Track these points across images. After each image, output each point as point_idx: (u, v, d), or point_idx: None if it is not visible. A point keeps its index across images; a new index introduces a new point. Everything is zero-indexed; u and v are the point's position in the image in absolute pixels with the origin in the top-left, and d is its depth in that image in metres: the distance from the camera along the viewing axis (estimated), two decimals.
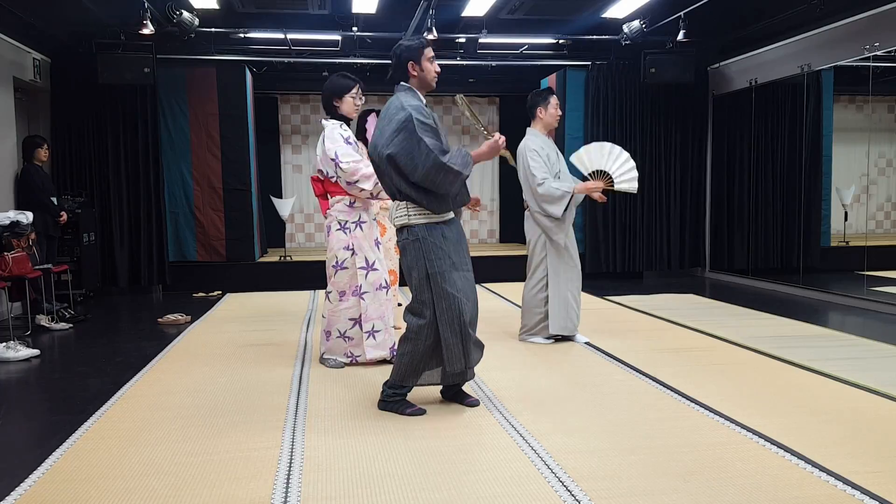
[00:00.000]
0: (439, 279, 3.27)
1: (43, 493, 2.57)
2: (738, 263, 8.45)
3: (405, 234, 3.35)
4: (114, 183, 7.79)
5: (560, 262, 4.84)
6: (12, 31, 6.58)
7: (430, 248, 3.29)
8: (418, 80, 3.38)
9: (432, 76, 3.41)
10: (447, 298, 3.27)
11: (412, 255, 3.32)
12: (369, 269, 4.26)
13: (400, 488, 2.54)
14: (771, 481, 2.57)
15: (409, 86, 3.39)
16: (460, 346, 3.30)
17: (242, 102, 8.28)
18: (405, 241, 3.35)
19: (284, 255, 8.76)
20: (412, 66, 3.36)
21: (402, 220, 3.33)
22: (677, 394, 3.69)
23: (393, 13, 7.46)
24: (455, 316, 3.28)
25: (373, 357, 4.29)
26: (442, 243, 3.30)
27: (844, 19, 6.57)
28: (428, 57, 3.38)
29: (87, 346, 5.36)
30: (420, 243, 3.30)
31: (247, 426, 3.26)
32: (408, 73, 3.37)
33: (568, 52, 8.70)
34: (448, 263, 3.30)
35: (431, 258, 3.28)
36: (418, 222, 3.30)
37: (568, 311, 4.86)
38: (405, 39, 3.43)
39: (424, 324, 3.31)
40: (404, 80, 3.39)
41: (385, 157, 3.25)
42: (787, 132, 7.72)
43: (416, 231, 3.31)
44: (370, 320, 4.27)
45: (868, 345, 4.89)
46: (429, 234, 3.30)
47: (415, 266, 3.32)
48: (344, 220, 4.26)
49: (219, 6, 7.11)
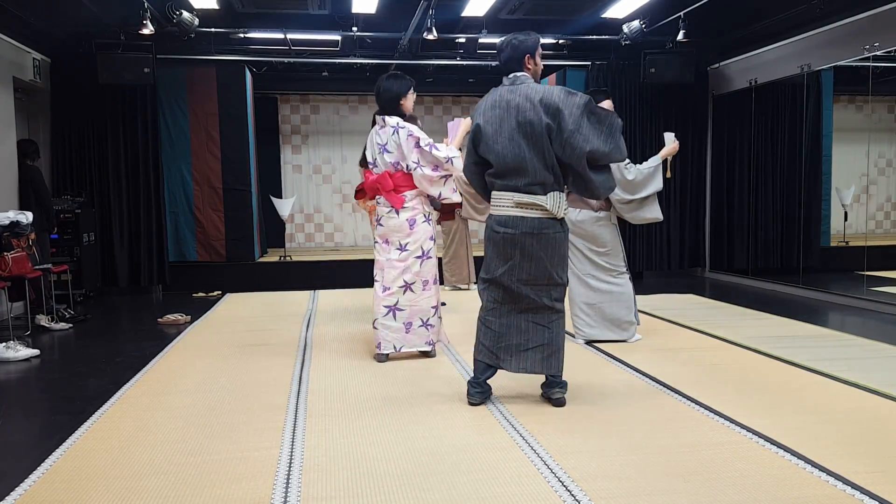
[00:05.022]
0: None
1: (43, 493, 2.57)
2: (738, 263, 8.45)
3: (559, 227, 3.39)
4: (114, 183, 7.79)
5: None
6: (12, 31, 6.58)
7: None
8: (532, 72, 3.44)
9: (540, 71, 3.52)
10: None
11: (566, 243, 3.44)
12: (436, 258, 4.57)
13: (400, 488, 2.54)
14: (771, 481, 2.57)
15: (528, 75, 3.43)
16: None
17: (242, 102, 8.29)
18: (558, 233, 3.38)
19: (284, 255, 8.77)
20: (528, 58, 3.42)
21: (563, 211, 3.39)
22: (677, 394, 3.69)
23: (393, 13, 7.46)
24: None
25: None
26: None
27: (844, 19, 6.57)
28: (539, 52, 3.48)
29: (87, 346, 5.36)
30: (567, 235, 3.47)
31: (247, 426, 3.26)
32: (523, 64, 3.42)
33: (568, 52, 8.70)
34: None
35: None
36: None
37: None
38: (517, 34, 3.46)
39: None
40: (518, 69, 3.43)
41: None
42: (787, 132, 7.72)
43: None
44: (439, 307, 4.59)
45: (868, 345, 4.89)
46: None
47: (565, 255, 3.45)
48: (428, 211, 4.49)
49: (219, 6, 7.11)
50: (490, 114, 3.38)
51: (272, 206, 8.98)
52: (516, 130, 3.29)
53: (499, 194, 3.40)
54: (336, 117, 10.35)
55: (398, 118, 4.38)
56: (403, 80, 4.42)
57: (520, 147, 3.29)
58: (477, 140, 3.44)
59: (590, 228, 4.79)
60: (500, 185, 3.39)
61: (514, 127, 3.30)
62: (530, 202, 3.31)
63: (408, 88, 4.41)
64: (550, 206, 3.31)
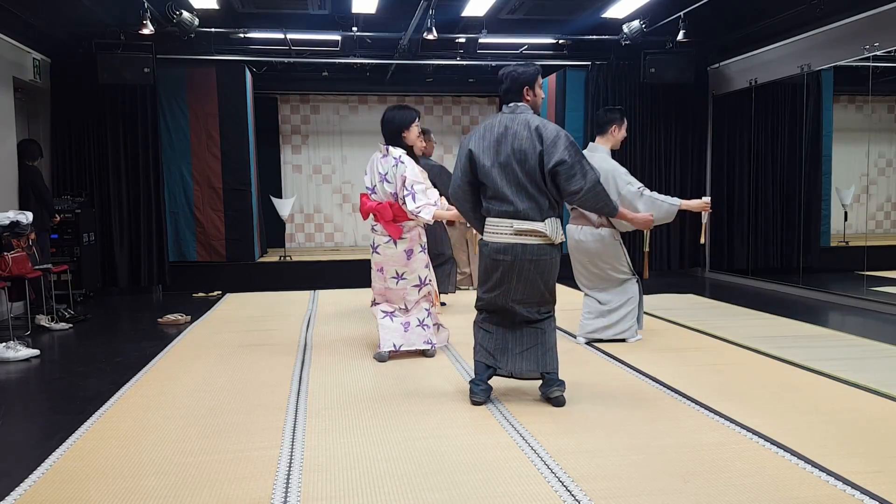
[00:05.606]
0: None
1: (43, 493, 2.57)
2: (738, 263, 8.44)
3: (556, 252, 3.43)
4: (114, 183, 7.79)
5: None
6: (12, 31, 6.58)
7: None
8: (531, 103, 3.50)
9: (541, 102, 3.60)
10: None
11: (557, 268, 3.47)
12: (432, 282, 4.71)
13: (400, 488, 2.54)
14: (771, 481, 2.58)
15: (528, 106, 3.49)
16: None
17: (242, 102, 8.28)
18: (554, 258, 3.43)
19: (284, 255, 8.77)
20: (527, 90, 3.50)
21: (560, 236, 3.44)
22: (677, 394, 3.69)
23: (393, 13, 7.46)
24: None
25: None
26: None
27: (844, 19, 6.57)
28: (539, 83, 3.56)
29: (87, 346, 5.36)
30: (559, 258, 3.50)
31: (246, 426, 3.26)
32: (522, 96, 3.49)
33: (568, 52, 8.70)
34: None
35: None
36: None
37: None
38: (518, 65, 3.54)
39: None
40: (517, 100, 3.49)
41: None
42: (787, 132, 7.72)
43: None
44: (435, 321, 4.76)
45: (868, 345, 4.89)
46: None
47: (556, 274, 3.50)
48: (424, 242, 4.57)
49: (219, 6, 7.11)
50: (488, 139, 3.42)
51: (272, 206, 8.98)
52: (512, 157, 3.35)
53: (495, 221, 3.43)
54: (336, 117, 10.35)
55: (401, 151, 4.41)
56: (407, 113, 4.47)
57: (515, 174, 3.35)
58: (473, 164, 3.46)
59: (592, 247, 4.77)
60: (497, 210, 3.42)
61: (508, 153, 3.35)
62: (530, 229, 3.36)
63: (411, 121, 4.45)
64: (549, 231, 3.36)
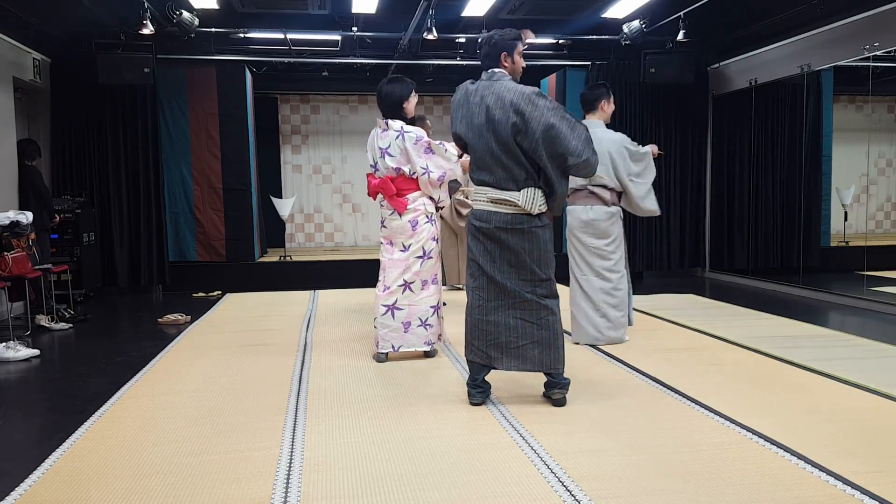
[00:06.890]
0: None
1: (43, 493, 2.57)
2: (738, 263, 8.44)
3: (537, 221, 3.38)
4: (114, 183, 7.79)
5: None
6: (12, 31, 6.58)
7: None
8: (509, 70, 3.45)
9: (520, 70, 3.50)
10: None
11: (548, 238, 3.43)
12: (437, 258, 4.57)
13: (400, 488, 2.54)
14: (771, 481, 2.57)
15: (505, 73, 3.44)
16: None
17: (242, 102, 8.28)
18: (534, 229, 3.37)
19: (284, 255, 8.77)
20: (505, 56, 3.44)
21: (538, 207, 3.38)
22: (677, 394, 3.69)
23: (393, 13, 7.46)
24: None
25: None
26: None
27: (844, 19, 6.57)
28: (520, 51, 3.48)
29: (87, 346, 5.36)
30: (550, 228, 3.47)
31: (247, 426, 3.26)
32: (500, 62, 3.44)
33: (568, 52, 8.70)
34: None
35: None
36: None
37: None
38: (497, 31, 3.48)
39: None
40: (495, 66, 3.44)
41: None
42: (787, 132, 7.72)
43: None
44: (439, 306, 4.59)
45: (868, 345, 4.89)
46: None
47: (548, 250, 3.44)
48: (431, 212, 4.48)
49: (219, 6, 7.11)
50: (464, 108, 3.43)
51: (272, 206, 8.98)
52: (485, 126, 3.33)
53: (476, 188, 3.47)
54: (336, 117, 10.35)
55: (401, 122, 4.40)
56: (405, 84, 4.44)
57: (489, 143, 3.33)
58: (456, 135, 3.52)
59: (603, 226, 4.79)
60: (476, 179, 3.46)
61: (482, 123, 3.34)
62: (502, 198, 3.36)
63: (409, 91, 4.43)
64: (523, 202, 3.33)
